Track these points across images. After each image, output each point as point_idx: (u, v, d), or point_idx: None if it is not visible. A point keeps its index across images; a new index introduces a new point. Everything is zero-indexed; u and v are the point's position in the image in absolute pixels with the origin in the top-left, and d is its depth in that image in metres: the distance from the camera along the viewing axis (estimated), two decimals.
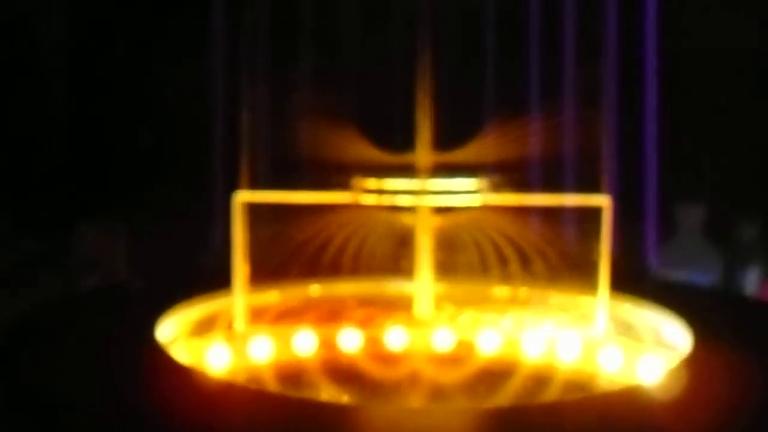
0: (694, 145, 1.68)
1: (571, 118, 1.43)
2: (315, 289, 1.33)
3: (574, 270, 1.25)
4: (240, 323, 1.21)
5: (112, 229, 1.94)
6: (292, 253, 1.29)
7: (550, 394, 1.13)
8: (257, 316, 1.25)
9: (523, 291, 1.30)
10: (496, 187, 1.22)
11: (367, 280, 1.34)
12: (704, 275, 1.76)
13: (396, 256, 1.32)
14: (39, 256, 1.99)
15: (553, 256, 1.24)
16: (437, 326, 1.30)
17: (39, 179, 1.87)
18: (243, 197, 1.20)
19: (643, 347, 1.20)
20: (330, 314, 1.29)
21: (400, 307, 1.29)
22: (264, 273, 1.26)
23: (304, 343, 1.27)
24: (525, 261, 1.25)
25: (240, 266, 1.19)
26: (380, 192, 1.19)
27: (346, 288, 1.33)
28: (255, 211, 1.26)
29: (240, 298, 1.20)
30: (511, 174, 1.26)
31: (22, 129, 1.83)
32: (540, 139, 1.32)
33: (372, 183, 1.19)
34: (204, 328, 1.21)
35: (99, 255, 1.91)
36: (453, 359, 1.27)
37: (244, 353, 1.22)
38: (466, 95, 1.33)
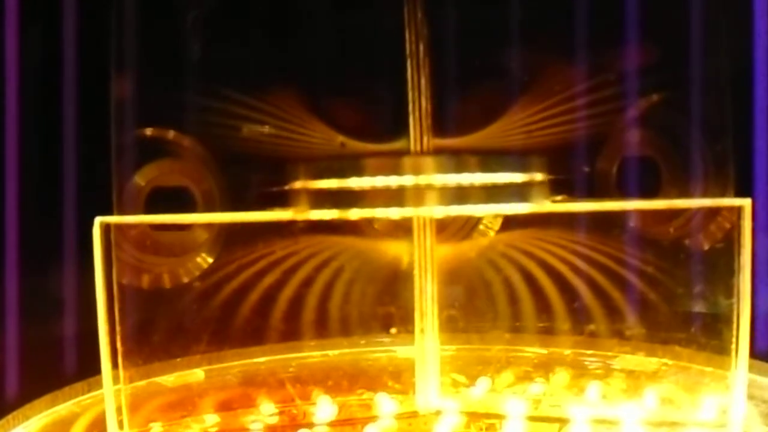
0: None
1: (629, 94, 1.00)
2: (255, 362, 0.91)
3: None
4: (113, 424, 0.72)
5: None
6: (223, 306, 0.91)
7: None
8: (162, 407, 0.81)
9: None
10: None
11: (334, 345, 0.96)
12: None
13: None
14: None
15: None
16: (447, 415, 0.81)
17: None
18: (107, 221, 0.70)
19: None
20: (279, 398, 0.84)
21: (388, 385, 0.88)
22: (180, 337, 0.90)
23: None
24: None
25: (106, 326, 0.69)
26: (346, 198, 0.69)
27: (302, 358, 0.94)
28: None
29: (110, 382, 0.70)
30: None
31: None
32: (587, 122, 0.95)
33: (329, 180, 0.69)
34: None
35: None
36: None
37: None
38: (483, 53, 0.90)
